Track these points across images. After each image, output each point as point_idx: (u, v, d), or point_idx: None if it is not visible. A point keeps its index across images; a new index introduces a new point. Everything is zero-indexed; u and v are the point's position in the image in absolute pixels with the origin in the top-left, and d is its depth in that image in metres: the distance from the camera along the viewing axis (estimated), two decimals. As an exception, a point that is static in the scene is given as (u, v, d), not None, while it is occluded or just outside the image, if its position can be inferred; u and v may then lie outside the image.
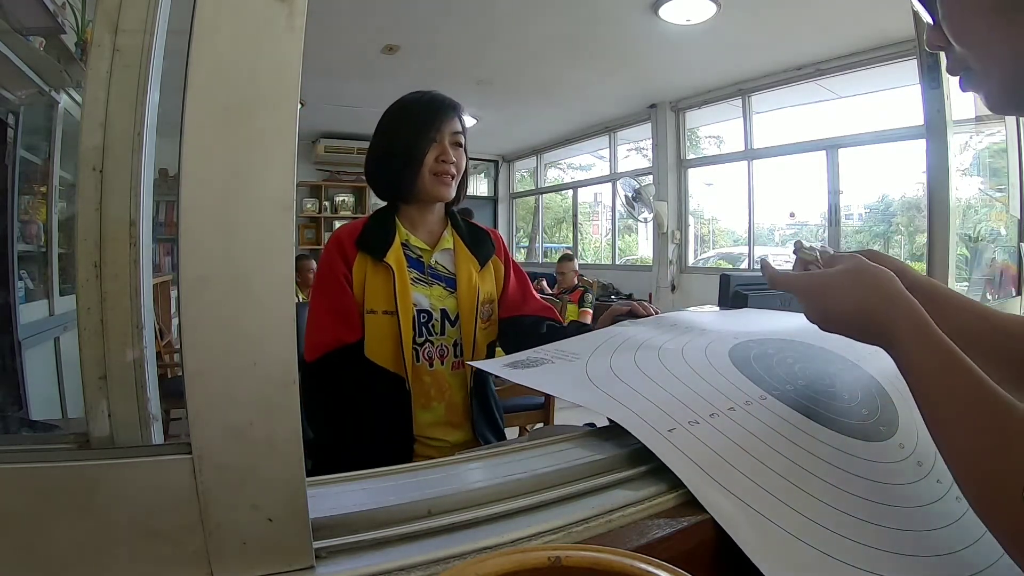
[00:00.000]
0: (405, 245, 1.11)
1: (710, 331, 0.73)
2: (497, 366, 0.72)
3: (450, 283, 1.12)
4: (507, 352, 1.15)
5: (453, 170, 1.11)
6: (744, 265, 5.04)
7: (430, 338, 1.09)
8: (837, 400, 0.58)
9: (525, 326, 1.16)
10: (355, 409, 1.05)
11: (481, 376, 1.12)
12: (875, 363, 0.65)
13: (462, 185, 1.18)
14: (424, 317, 1.08)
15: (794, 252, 0.58)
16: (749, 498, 0.44)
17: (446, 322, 1.10)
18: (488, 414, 1.15)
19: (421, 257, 1.12)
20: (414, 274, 1.10)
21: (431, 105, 1.12)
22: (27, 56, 1.82)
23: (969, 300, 0.58)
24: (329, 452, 1.01)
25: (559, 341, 0.78)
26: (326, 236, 6.63)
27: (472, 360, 1.09)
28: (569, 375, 0.63)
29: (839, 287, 0.49)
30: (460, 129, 1.13)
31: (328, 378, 1.04)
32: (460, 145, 1.13)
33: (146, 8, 0.37)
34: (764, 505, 0.44)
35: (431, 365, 1.09)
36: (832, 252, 0.56)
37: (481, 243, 1.17)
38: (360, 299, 1.05)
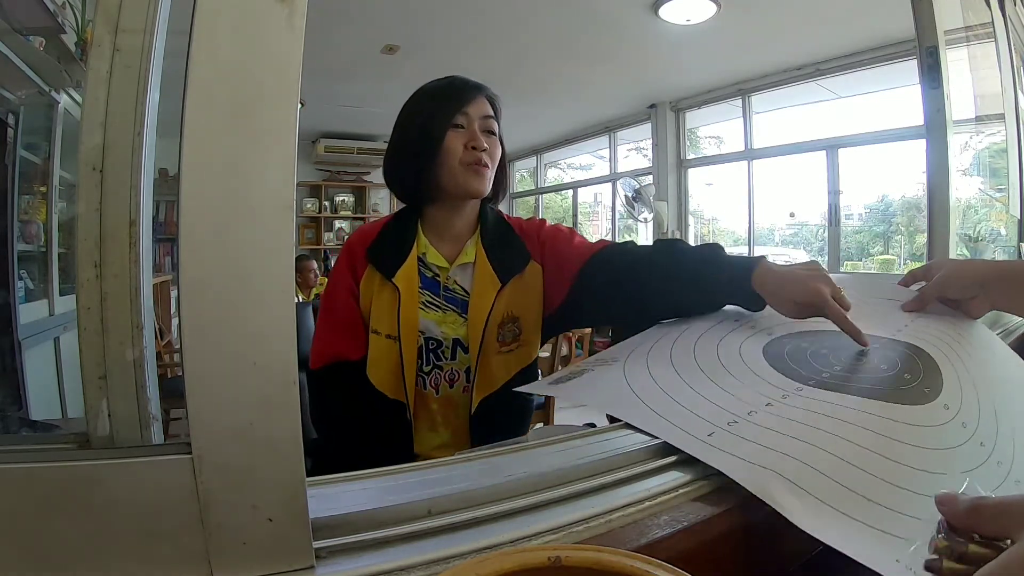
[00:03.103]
0: (422, 261, 0.97)
1: (743, 326, 0.71)
2: (542, 386, 0.69)
3: (465, 307, 0.97)
4: (623, 326, 0.93)
5: (487, 159, 0.93)
6: (744, 265, 5.03)
7: (438, 363, 0.97)
8: (875, 372, 0.57)
9: (597, 268, 0.93)
10: (359, 424, 0.96)
11: (488, 404, 0.97)
12: (914, 331, 0.65)
13: (500, 180, 1.00)
14: (433, 344, 0.96)
15: (929, 565, 0.34)
16: (798, 478, 0.44)
17: (458, 348, 0.97)
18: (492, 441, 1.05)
19: (437, 276, 0.98)
20: (427, 296, 0.97)
21: (453, 87, 0.97)
22: (27, 56, 1.82)
23: None
24: (331, 457, 0.96)
25: (589, 359, 0.71)
26: (326, 236, 6.64)
27: (483, 389, 0.96)
28: (609, 385, 0.62)
29: None
30: (491, 113, 0.97)
31: (326, 391, 0.97)
32: (493, 132, 0.96)
33: (146, 8, 0.37)
34: (814, 485, 0.44)
35: (438, 392, 0.97)
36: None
37: (507, 255, 0.99)
38: (367, 315, 0.95)
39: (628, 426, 0.54)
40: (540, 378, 1.06)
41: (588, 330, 4.20)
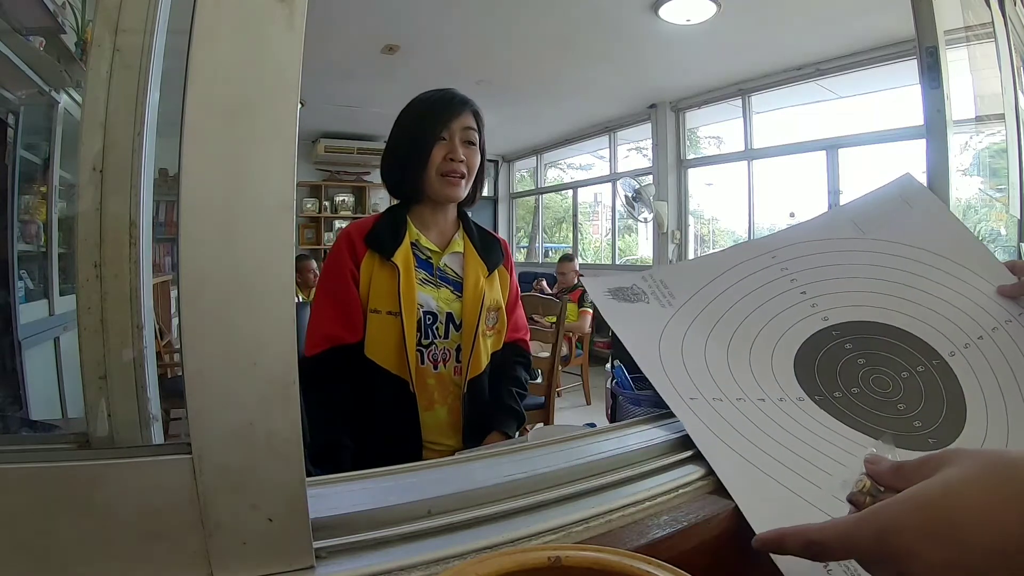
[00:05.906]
0: (415, 245, 1.09)
1: (808, 298, 0.65)
2: (598, 291, 0.66)
3: (458, 287, 1.10)
4: None
5: (463, 169, 1.07)
6: (744, 265, 5.03)
7: (435, 340, 1.07)
8: (889, 409, 0.54)
9: (498, 357, 1.16)
10: (359, 411, 1.03)
11: (478, 384, 1.10)
12: (986, 351, 0.58)
13: (477, 185, 1.15)
14: (429, 319, 1.06)
15: (851, 498, 0.37)
16: (749, 455, 0.49)
17: (451, 326, 1.08)
18: (482, 425, 1.11)
19: (430, 259, 1.10)
20: (423, 275, 1.08)
21: (441, 101, 1.09)
22: (27, 56, 1.82)
23: None
24: (328, 454, 0.99)
25: (664, 269, 0.70)
26: (326, 236, 6.64)
27: (474, 369, 1.07)
28: (645, 331, 0.62)
29: (965, 512, 0.29)
30: (473, 126, 1.10)
31: (326, 375, 1.02)
32: (473, 143, 1.10)
33: (146, 8, 0.37)
34: (760, 461, 0.48)
35: (436, 367, 1.07)
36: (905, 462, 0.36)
37: (491, 249, 1.15)
38: (365, 297, 1.03)
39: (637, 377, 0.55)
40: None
41: (588, 330, 4.20)
